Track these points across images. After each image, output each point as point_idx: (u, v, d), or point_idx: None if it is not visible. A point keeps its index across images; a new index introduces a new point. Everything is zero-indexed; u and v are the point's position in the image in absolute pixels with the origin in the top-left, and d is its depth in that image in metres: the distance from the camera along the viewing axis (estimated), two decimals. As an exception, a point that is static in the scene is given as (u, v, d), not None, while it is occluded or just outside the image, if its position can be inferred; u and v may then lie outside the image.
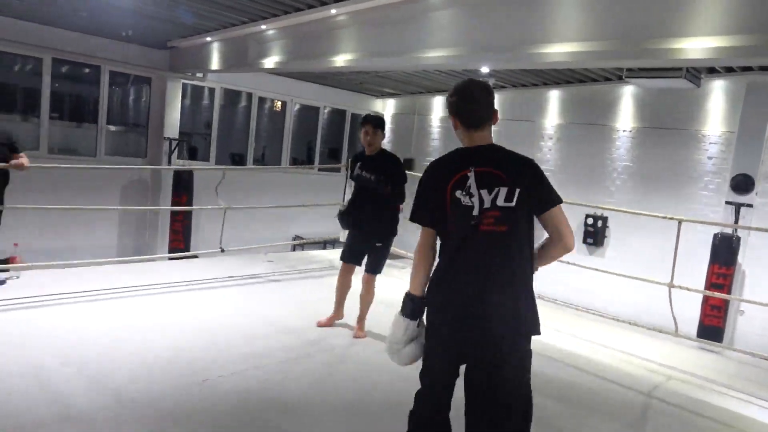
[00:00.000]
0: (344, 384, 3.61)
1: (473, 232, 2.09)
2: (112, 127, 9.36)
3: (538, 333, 2.14)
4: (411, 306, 2.23)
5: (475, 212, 2.09)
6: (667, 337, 5.37)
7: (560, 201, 2.20)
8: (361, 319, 4.43)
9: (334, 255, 7.52)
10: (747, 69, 7.83)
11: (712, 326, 7.61)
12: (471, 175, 2.11)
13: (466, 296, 2.10)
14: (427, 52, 6.07)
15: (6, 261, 4.98)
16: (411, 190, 2.80)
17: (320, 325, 4.53)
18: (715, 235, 7.82)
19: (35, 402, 2.95)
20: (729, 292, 7.51)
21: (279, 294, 5.53)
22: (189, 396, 3.20)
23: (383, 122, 4.53)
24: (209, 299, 5.08)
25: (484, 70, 9.02)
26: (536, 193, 2.14)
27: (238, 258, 6.69)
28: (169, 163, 9.41)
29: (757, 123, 7.88)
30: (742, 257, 7.84)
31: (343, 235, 7.02)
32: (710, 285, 7.58)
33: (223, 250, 6.09)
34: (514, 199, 2.09)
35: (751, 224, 7.61)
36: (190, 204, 9.03)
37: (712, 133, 8.43)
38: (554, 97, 10.07)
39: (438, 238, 2.21)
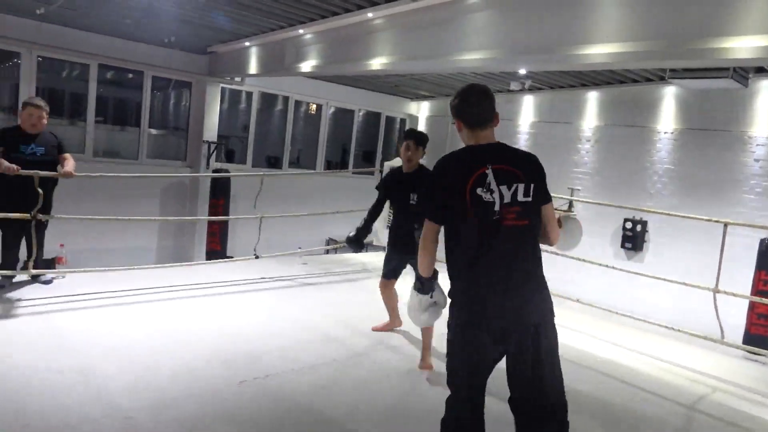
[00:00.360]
0: (382, 392, 3.61)
1: (496, 227, 2.22)
2: (154, 131, 9.62)
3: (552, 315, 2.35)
4: (423, 285, 2.55)
5: (497, 207, 2.21)
6: (710, 345, 5.19)
7: (551, 198, 2.45)
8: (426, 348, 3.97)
9: (368, 258, 7.55)
10: (798, 68, 7.52)
11: (759, 335, 7.32)
12: (489, 172, 2.23)
13: (499, 288, 2.22)
14: (464, 54, 6.03)
15: (53, 261, 5.16)
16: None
17: (375, 329, 4.58)
18: (762, 241, 7.52)
19: (79, 399, 3.05)
20: (777, 300, 7.21)
21: (313, 297, 5.57)
22: (227, 397, 3.26)
23: (426, 139, 4.31)
24: (245, 302, 5.16)
25: (521, 71, 8.92)
26: (542, 188, 2.34)
27: (273, 260, 6.77)
28: (208, 165, 9.61)
29: (808, 124, 7.57)
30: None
31: (376, 239, 7.05)
32: (757, 292, 7.30)
33: (257, 257, 6.18)
34: (531, 194, 2.27)
35: (802, 231, 7.30)
36: (227, 206, 9.21)
37: (759, 135, 8.13)
38: (592, 98, 9.87)
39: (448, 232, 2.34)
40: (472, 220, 2.22)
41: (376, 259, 7.41)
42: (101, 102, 9.04)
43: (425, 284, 2.53)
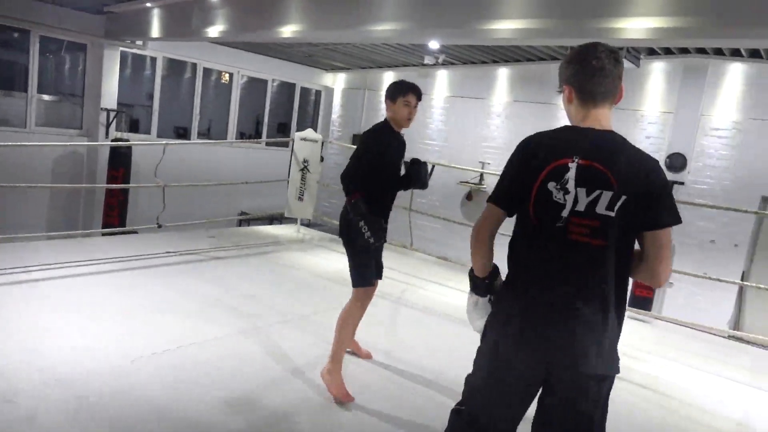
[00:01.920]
0: (285, 361, 3.61)
1: (559, 239, 1.73)
2: (45, 97, 8.86)
3: (617, 371, 1.81)
4: (476, 285, 1.97)
5: (565, 213, 1.72)
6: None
7: (678, 221, 1.78)
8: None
9: (280, 231, 7.46)
10: (684, 51, 8.12)
11: (642, 297, 7.99)
12: (573, 166, 1.72)
13: (548, 306, 1.75)
14: (376, 25, 5.99)
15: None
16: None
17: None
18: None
19: (-47, 382, 2.81)
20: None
21: (221, 271, 5.43)
22: (121, 374, 3.12)
23: None
24: (145, 277, 4.94)
25: (435, 46, 9.01)
26: (645, 205, 1.72)
27: (178, 234, 6.51)
28: (107, 135, 9.02)
29: (693, 104, 8.22)
30: (672, 232, 8.23)
31: (288, 211, 6.95)
32: (644, 259, 7.94)
33: (160, 226, 5.92)
34: (616, 208, 1.69)
35: (682, 200, 7.97)
36: (127, 177, 8.70)
37: (650, 113, 8.74)
38: (503, 74, 10.18)
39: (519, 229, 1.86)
40: (531, 220, 1.78)
41: (287, 232, 7.34)
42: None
43: (479, 285, 1.95)
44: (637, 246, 1.80)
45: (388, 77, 11.69)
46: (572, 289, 1.72)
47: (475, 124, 10.42)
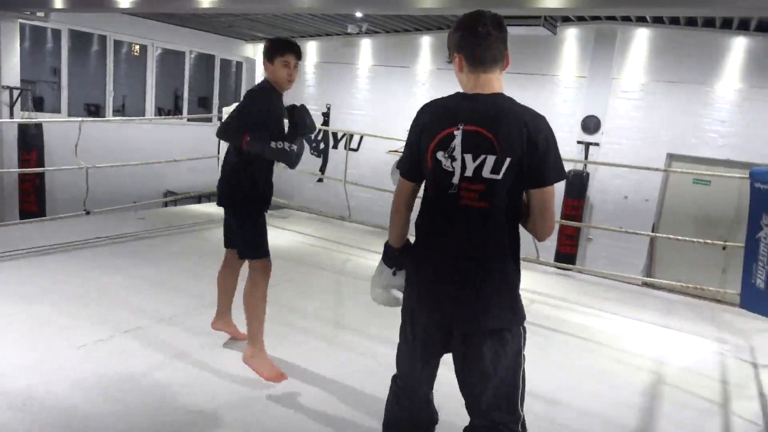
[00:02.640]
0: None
1: (452, 204, 1.80)
2: (-67, 75, 8.05)
3: (516, 324, 1.88)
4: (387, 256, 2.05)
5: (455, 180, 1.78)
6: (528, 265, 5.97)
7: (561, 178, 1.84)
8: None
9: (213, 209, 7.29)
10: (596, 18, 8.53)
11: (567, 253, 8.54)
12: (458, 133, 1.77)
13: (445, 276, 1.84)
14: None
15: None
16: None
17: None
18: (569, 172, 8.65)
19: None
20: (580, 222, 8.44)
21: (155, 252, 5.28)
22: (63, 363, 3.03)
23: None
24: (74, 262, 4.73)
25: (357, 14, 8.94)
26: (529, 165, 1.76)
27: (104, 218, 6.23)
28: (11, 115, 8.34)
29: (604, 68, 8.70)
30: (590, 190, 8.80)
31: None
32: (565, 216, 8.45)
33: (88, 213, 5.65)
34: (502, 171, 1.74)
35: (597, 160, 8.52)
36: (41, 160, 8.14)
37: (566, 78, 9.16)
38: (426, 43, 10.27)
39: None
40: (430, 188, 1.85)
41: (219, 209, 7.18)
42: None
43: (389, 256, 2.03)
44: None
45: (311, 47, 11.50)
46: (459, 251, 1.81)
47: (401, 93, 10.51)
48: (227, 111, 6.60)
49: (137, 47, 10.50)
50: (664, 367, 3.86)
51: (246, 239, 3.08)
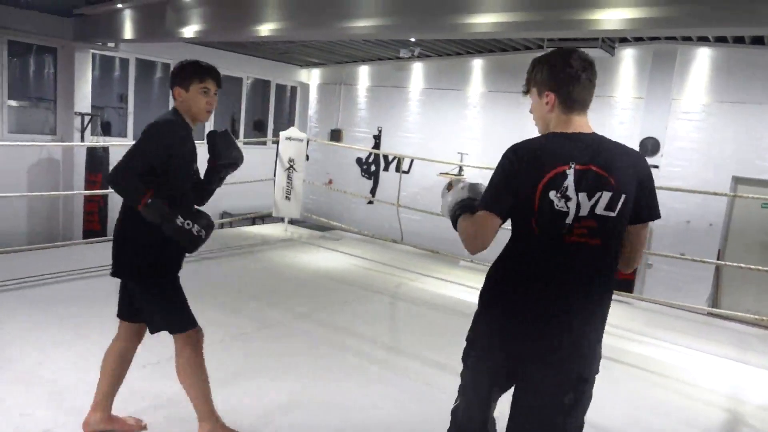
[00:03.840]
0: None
1: (561, 242, 1.71)
2: (14, 102, 8.63)
3: (597, 371, 1.85)
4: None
5: (569, 220, 1.70)
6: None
7: (659, 216, 1.85)
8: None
9: (268, 230, 7.45)
10: (654, 38, 8.33)
11: (625, 279, 8.23)
12: (570, 173, 1.70)
13: (546, 303, 1.75)
14: (354, 22, 6.00)
15: None
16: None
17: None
18: (627, 196, 8.40)
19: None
20: (639, 248, 8.13)
21: (213, 271, 5.42)
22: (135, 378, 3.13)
23: None
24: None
25: (411, 39, 9.06)
26: (643, 200, 1.79)
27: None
28: (82, 139, 8.83)
29: (663, 89, 8.46)
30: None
31: (277, 209, 6.92)
32: (623, 242, 8.17)
33: (150, 231, 5.86)
34: (617, 208, 1.72)
35: (657, 184, 8.21)
36: (106, 183, 8.56)
37: (623, 99, 8.96)
38: (477, 66, 10.28)
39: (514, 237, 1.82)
40: (533, 230, 1.73)
41: (275, 231, 7.34)
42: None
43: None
44: None
45: (364, 71, 11.70)
46: (571, 289, 1.74)
47: (452, 116, 10.52)
48: (284, 135, 6.77)
49: (197, 73, 10.95)
50: (740, 405, 3.64)
51: (160, 311, 2.48)
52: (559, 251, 1.72)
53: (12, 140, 8.18)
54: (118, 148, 8.61)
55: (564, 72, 1.78)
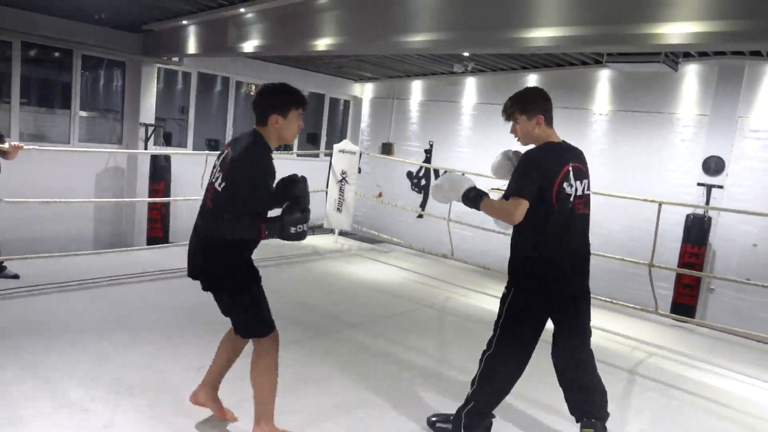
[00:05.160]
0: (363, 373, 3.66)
1: (572, 214, 2.68)
2: (84, 113, 9.12)
3: None
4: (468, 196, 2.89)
5: (572, 198, 2.67)
6: (640, 314, 5.57)
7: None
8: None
9: (319, 241, 7.55)
10: (720, 53, 8.02)
11: (685, 304, 7.88)
12: (570, 170, 2.68)
13: (574, 260, 2.77)
14: (409, 36, 6.05)
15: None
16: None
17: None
18: (688, 216, 8.05)
19: (32, 394, 2.93)
20: (701, 271, 7.78)
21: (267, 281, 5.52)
22: (180, 388, 3.21)
23: None
24: (195, 287, 5.05)
25: (465, 54, 9.05)
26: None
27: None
28: (146, 149, 9.24)
29: (729, 106, 8.10)
30: (713, 237, 8.11)
31: (328, 221, 6.99)
32: (682, 264, 7.83)
33: (207, 238, 6.05)
34: (590, 188, 2.80)
35: (721, 205, 7.87)
36: (167, 190, 8.90)
37: (685, 116, 8.64)
38: (532, 80, 10.14)
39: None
40: (553, 207, 2.63)
41: (326, 242, 7.42)
42: (26, 82, 8.46)
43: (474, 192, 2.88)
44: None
45: (416, 86, 11.76)
46: (584, 242, 2.82)
47: (505, 131, 10.37)
48: (337, 148, 6.87)
49: (254, 87, 11.29)
50: (813, 442, 3.40)
51: (245, 317, 2.63)
52: (571, 218, 2.70)
53: (82, 149, 8.64)
54: (178, 157, 8.99)
55: (548, 102, 2.83)
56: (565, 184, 2.63)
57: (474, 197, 2.80)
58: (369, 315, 4.68)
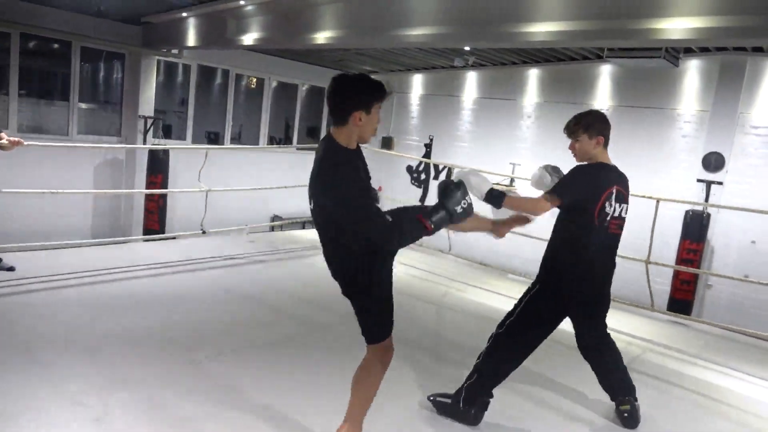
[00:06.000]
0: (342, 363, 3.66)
1: (606, 232, 2.95)
2: (83, 105, 9.10)
3: None
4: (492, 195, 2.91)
5: (608, 218, 2.94)
6: (637, 310, 5.56)
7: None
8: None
9: (315, 235, 7.53)
10: (722, 49, 7.97)
11: (683, 300, 7.87)
12: (614, 191, 2.95)
13: (602, 273, 3.07)
14: (410, 29, 6.02)
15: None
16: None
17: None
18: (687, 212, 8.04)
19: (28, 380, 2.93)
20: (698, 267, 7.77)
21: (265, 274, 5.53)
22: (178, 376, 3.21)
23: None
24: (192, 280, 5.06)
25: (466, 48, 9.01)
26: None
27: (217, 239, 6.64)
28: (145, 141, 9.21)
29: (730, 102, 8.07)
30: (712, 233, 8.09)
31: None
32: (681, 260, 7.82)
33: (204, 232, 6.05)
34: (627, 212, 3.03)
35: (720, 201, 7.85)
36: (165, 183, 8.88)
37: (686, 112, 8.61)
38: (533, 75, 10.11)
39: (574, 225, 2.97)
40: (594, 221, 2.91)
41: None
42: (25, 74, 8.43)
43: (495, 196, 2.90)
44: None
45: (417, 80, 11.72)
46: (611, 257, 3.08)
47: (505, 126, 10.38)
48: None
49: (254, 80, 11.25)
50: (807, 439, 3.40)
51: (367, 322, 2.54)
52: (605, 235, 2.97)
53: (80, 141, 8.62)
54: (176, 150, 8.97)
55: (608, 125, 3.11)
56: (607, 204, 2.90)
57: (498, 195, 2.89)
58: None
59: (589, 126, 3.03)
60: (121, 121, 9.36)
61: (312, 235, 7.42)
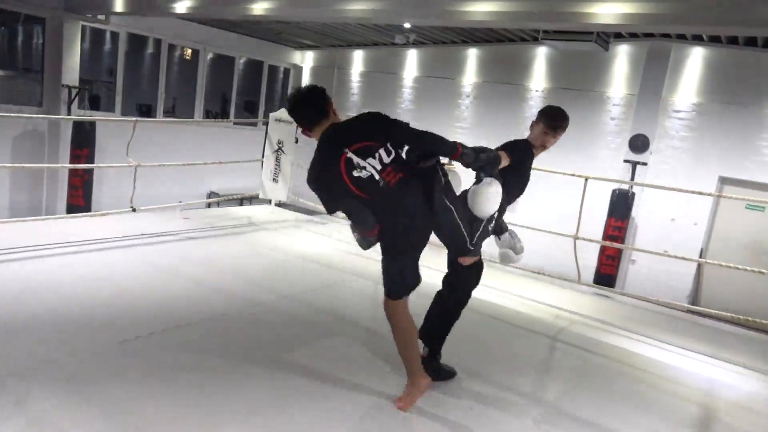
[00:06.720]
0: (270, 340, 3.64)
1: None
2: (0, 72, 8.48)
3: None
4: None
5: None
6: (566, 284, 5.84)
7: None
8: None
9: (254, 212, 7.40)
10: (649, 35, 8.34)
11: (607, 274, 8.32)
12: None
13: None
14: (349, 4, 5.95)
15: None
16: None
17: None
18: (613, 191, 8.45)
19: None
20: (623, 243, 8.22)
21: (199, 251, 5.39)
22: (106, 357, 3.11)
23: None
24: (121, 258, 4.86)
25: (406, 25, 8.99)
26: None
27: (149, 216, 6.39)
28: (69, 112, 8.70)
29: (655, 86, 8.49)
30: (636, 211, 8.56)
31: (264, 191, 6.85)
32: (607, 236, 8.24)
33: (134, 209, 5.80)
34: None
35: (645, 181, 8.29)
36: (91, 157, 8.44)
37: (615, 95, 8.98)
38: (472, 55, 10.24)
39: None
40: None
41: (261, 213, 7.30)
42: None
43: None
44: None
45: (358, 56, 11.61)
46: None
47: (445, 105, 10.49)
48: (274, 117, 6.71)
49: (189, 51, 10.82)
50: (713, 400, 3.69)
51: (383, 272, 3.04)
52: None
53: (-4, 111, 8.05)
54: (104, 122, 8.53)
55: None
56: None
57: (495, 157, 3.04)
58: (304, 286, 4.66)
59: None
60: (42, 90, 8.79)
61: (247, 211, 7.30)
